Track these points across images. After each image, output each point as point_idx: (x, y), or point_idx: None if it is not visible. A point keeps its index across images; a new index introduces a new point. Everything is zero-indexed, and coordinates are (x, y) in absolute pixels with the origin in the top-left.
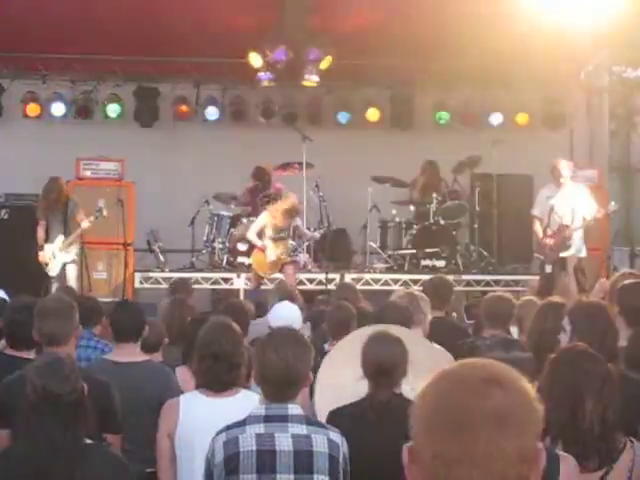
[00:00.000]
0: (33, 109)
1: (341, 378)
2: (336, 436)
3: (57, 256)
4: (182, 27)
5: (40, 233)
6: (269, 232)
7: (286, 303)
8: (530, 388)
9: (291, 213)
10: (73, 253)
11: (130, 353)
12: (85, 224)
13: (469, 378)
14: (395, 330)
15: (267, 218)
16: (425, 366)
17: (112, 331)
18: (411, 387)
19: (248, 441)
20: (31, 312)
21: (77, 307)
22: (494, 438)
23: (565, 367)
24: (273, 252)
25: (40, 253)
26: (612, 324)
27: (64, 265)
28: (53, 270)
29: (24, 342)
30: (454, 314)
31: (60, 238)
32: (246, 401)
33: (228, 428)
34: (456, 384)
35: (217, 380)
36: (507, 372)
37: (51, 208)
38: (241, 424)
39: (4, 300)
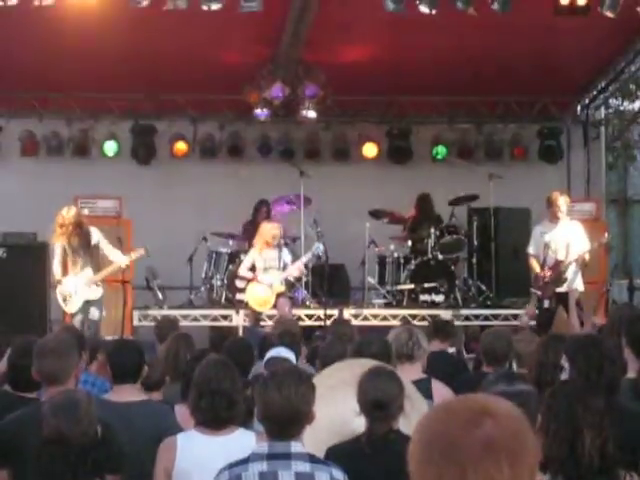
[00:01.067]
0: (30, 147)
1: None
2: (339, 474)
3: (79, 292)
4: (178, 64)
5: (56, 267)
6: (259, 264)
7: (280, 349)
8: (524, 419)
9: (265, 238)
10: (101, 290)
11: (129, 393)
12: (124, 258)
13: (460, 410)
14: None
15: (254, 252)
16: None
17: (111, 372)
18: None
19: (251, 479)
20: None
21: (77, 345)
22: (484, 468)
23: (562, 401)
24: (264, 283)
25: (58, 287)
26: (609, 356)
27: (87, 303)
28: (72, 306)
29: (27, 384)
30: (453, 348)
31: (87, 272)
32: (244, 439)
33: (231, 466)
34: (447, 416)
35: (215, 417)
36: (499, 403)
37: (69, 239)
38: (244, 462)
39: None
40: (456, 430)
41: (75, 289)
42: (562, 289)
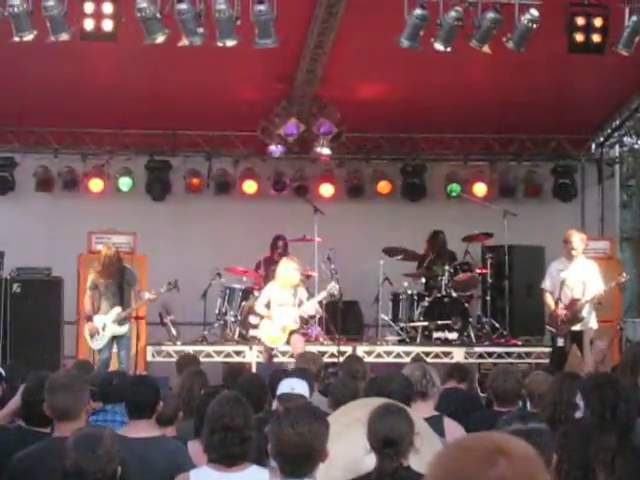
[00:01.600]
0: (45, 183)
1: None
2: None
3: (108, 328)
4: (193, 100)
5: (87, 304)
6: (275, 300)
7: (293, 380)
8: (539, 459)
9: (285, 277)
10: (128, 326)
11: (144, 429)
12: (148, 295)
13: (475, 447)
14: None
15: (272, 287)
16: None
17: (126, 407)
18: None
19: None
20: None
21: (88, 382)
22: None
23: (574, 440)
24: (279, 321)
25: (88, 324)
26: (624, 395)
27: (113, 339)
28: (99, 343)
29: (40, 419)
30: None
31: (116, 310)
32: (257, 476)
33: None
34: (462, 453)
35: (228, 453)
36: (514, 443)
37: (106, 277)
38: None
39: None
40: (470, 469)
41: (104, 326)
42: (577, 327)
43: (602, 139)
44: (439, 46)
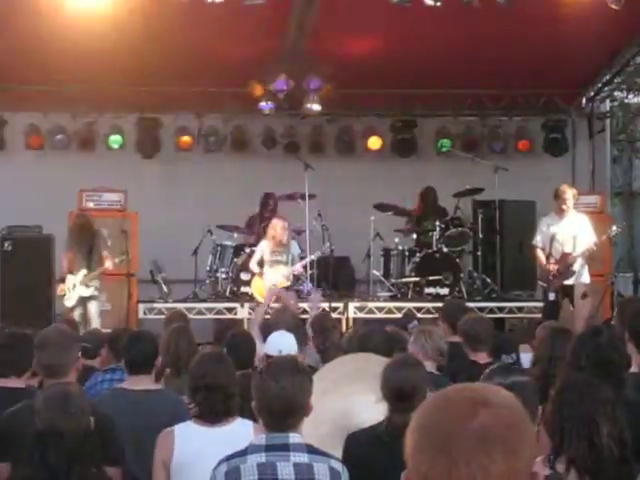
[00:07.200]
0: (35, 141)
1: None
2: (337, 464)
3: (76, 289)
4: (183, 57)
5: (63, 264)
6: (267, 258)
7: (281, 332)
8: (521, 409)
9: (274, 233)
10: (93, 289)
11: (144, 383)
12: (108, 264)
13: (456, 398)
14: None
15: (264, 245)
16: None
17: (126, 363)
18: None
19: (250, 471)
20: (18, 340)
21: (78, 338)
22: (478, 459)
23: (572, 397)
24: (271, 278)
25: (60, 285)
26: (616, 349)
27: (82, 299)
28: (69, 301)
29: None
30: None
31: (83, 272)
32: (242, 428)
33: (229, 458)
34: (442, 404)
35: (212, 411)
36: (496, 393)
37: (77, 242)
38: (242, 454)
39: None
40: (451, 421)
41: (73, 285)
42: (568, 282)
43: (593, 93)
44: (429, 1)
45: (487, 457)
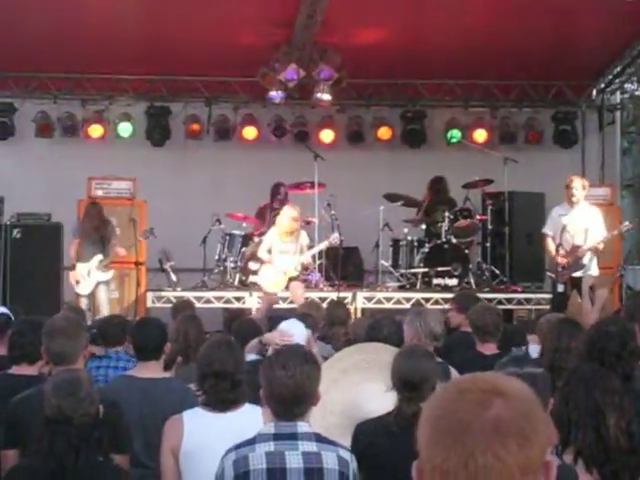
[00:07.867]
0: (45, 129)
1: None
2: (345, 453)
3: (92, 275)
4: (193, 46)
5: (72, 251)
6: (276, 247)
7: (292, 321)
8: (535, 399)
9: (285, 225)
10: (110, 274)
11: (153, 370)
12: (122, 251)
13: (470, 388)
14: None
15: (273, 234)
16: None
17: (134, 349)
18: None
19: (258, 459)
20: (32, 328)
21: (85, 326)
22: (493, 450)
23: (579, 387)
24: (280, 267)
25: (72, 273)
26: (626, 342)
27: (97, 284)
28: (85, 289)
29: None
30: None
31: (98, 257)
32: (251, 414)
33: (237, 447)
34: (456, 395)
35: (220, 399)
36: (510, 382)
37: (88, 229)
38: (251, 442)
39: (9, 317)
40: (466, 411)
41: (88, 272)
42: (577, 274)
43: (603, 85)
44: None
45: (503, 447)
